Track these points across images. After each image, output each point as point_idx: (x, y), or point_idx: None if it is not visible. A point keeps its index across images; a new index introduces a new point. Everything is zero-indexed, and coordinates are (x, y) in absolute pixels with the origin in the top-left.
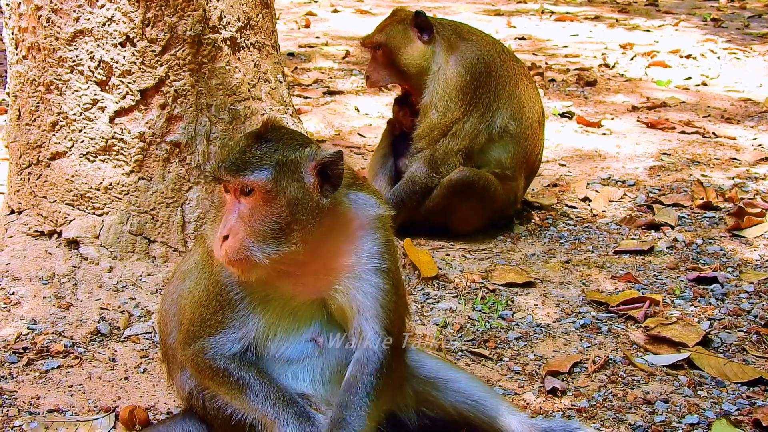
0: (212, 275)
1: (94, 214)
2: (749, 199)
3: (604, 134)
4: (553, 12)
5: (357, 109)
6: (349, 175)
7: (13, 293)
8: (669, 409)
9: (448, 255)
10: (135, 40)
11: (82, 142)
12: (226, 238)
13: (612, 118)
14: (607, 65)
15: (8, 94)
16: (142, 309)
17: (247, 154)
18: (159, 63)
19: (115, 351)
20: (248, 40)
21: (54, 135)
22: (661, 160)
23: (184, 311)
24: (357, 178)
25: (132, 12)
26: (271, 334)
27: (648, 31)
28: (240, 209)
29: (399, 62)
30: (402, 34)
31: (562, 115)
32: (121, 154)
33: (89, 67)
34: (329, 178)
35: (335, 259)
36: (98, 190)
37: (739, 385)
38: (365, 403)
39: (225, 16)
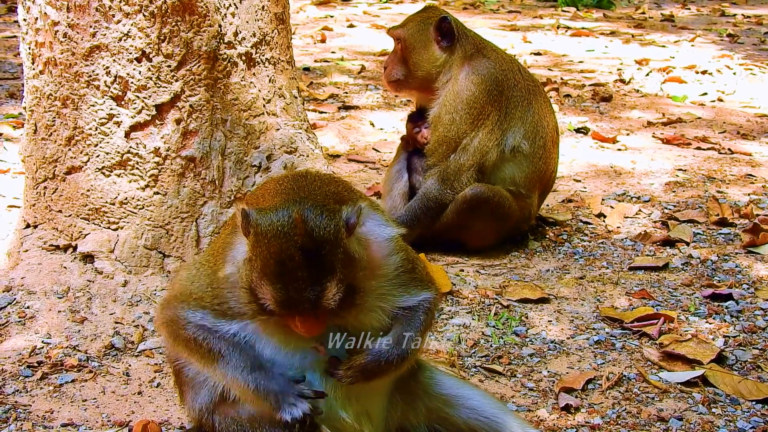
0: (215, 287)
1: (109, 228)
2: (765, 215)
3: (620, 150)
4: (569, 27)
5: (372, 124)
6: (344, 188)
7: (28, 307)
8: (683, 427)
9: (462, 270)
10: (151, 56)
11: (97, 156)
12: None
13: (627, 134)
14: (622, 81)
15: (25, 108)
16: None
17: (316, 288)
18: (174, 78)
19: (129, 365)
20: (263, 55)
21: (70, 149)
22: (677, 176)
23: (172, 288)
24: (354, 193)
25: (148, 27)
26: (264, 340)
27: (664, 46)
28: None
29: (409, 60)
30: (421, 34)
31: (578, 130)
32: (137, 168)
33: (105, 82)
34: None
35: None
36: (113, 204)
37: (753, 402)
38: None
39: (240, 32)
